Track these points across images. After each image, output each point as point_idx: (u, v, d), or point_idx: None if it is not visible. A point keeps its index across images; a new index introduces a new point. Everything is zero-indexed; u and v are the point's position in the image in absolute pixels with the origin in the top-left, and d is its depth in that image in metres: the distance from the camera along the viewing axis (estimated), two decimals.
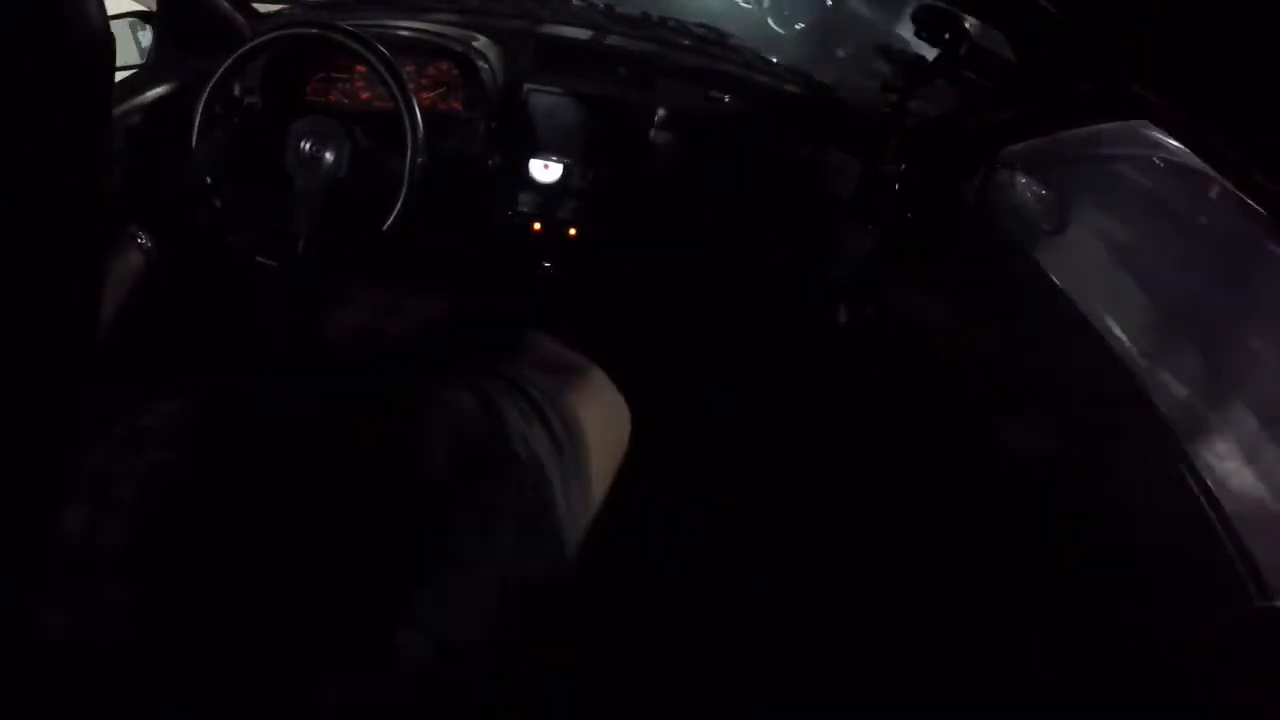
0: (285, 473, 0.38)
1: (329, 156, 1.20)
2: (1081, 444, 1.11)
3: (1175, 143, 0.97)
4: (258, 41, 1.19)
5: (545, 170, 1.45)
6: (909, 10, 1.23)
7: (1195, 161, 0.87)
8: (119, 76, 1.32)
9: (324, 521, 0.37)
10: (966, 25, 1.10)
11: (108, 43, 0.27)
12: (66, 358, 0.32)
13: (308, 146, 1.20)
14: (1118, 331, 1.20)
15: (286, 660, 0.36)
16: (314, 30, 1.20)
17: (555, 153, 1.44)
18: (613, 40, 1.48)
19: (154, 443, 0.37)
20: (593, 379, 0.55)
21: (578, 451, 0.46)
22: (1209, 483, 0.96)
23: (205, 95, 1.18)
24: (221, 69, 1.18)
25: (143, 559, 0.35)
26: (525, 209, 1.48)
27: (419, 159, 1.18)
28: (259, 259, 1.22)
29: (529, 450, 0.43)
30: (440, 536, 0.38)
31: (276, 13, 1.51)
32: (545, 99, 1.42)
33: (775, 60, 1.58)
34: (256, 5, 1.45)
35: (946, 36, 1.11)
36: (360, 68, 1.34)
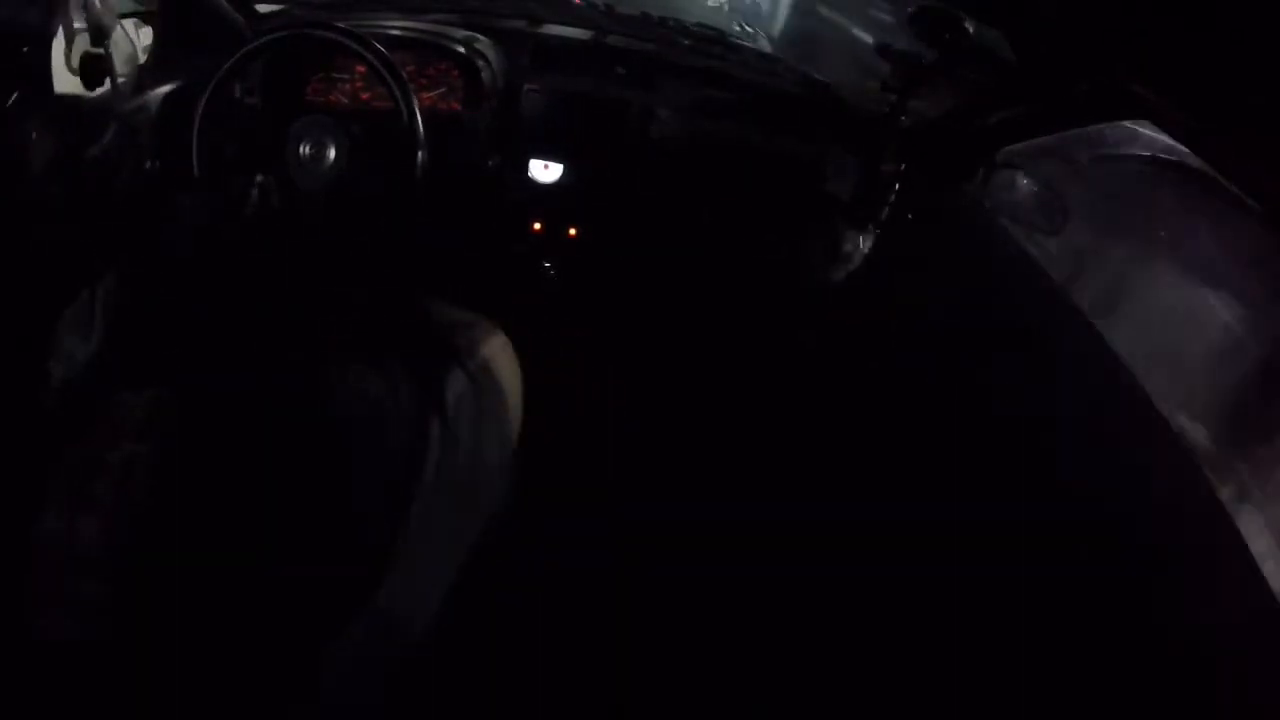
0: (255, 463, 0.38)
1: (329, 156, 1.20)
2: (1081, 443, 1.11)
3: (1175, 143, 0.97)
4: (258, 42, 1.19)
5: (545, 170, 1.45)
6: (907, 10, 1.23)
7: (1195, 161, 0.87)
8: (119, 78, 1.32)
9: (291, 510, 0.38)
10: (967, 25, 1.10)
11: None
12: (41, 358, 0.32)
13: (307, 147, 1.20)
14: (1116, 329, 1.19)
15: (266, 650, 0.36)
16: (314, 30, 1.20)
17: (555, 153, 1.44)
18: (613, 40, 1.48)
19: (128, 435, 0.38)
20: (494, 334, 0.60)
21: (497, 403, 0.51)
22: (1209, 481, 0.96)
23: (206, 96, 1.18)
24: (222, 70, 1.18)
25: (121, 556, 0.35)
26: (525, 209, 1.48)
27: (419, 159, 1.18)
28: (258, 258, 1.22)
29: (461, 421, 0.46)
30: (396, 517, 0.40)
31: (276, 13, 1.51)
32: (545, 99, 1.42)
33: (775, 59, 1.58)
34: (256, 5, 1.45)
35: (946, 36, 1.11)
36: (360, 68, 1.34)
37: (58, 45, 0.94)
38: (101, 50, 1.03)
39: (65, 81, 1.00)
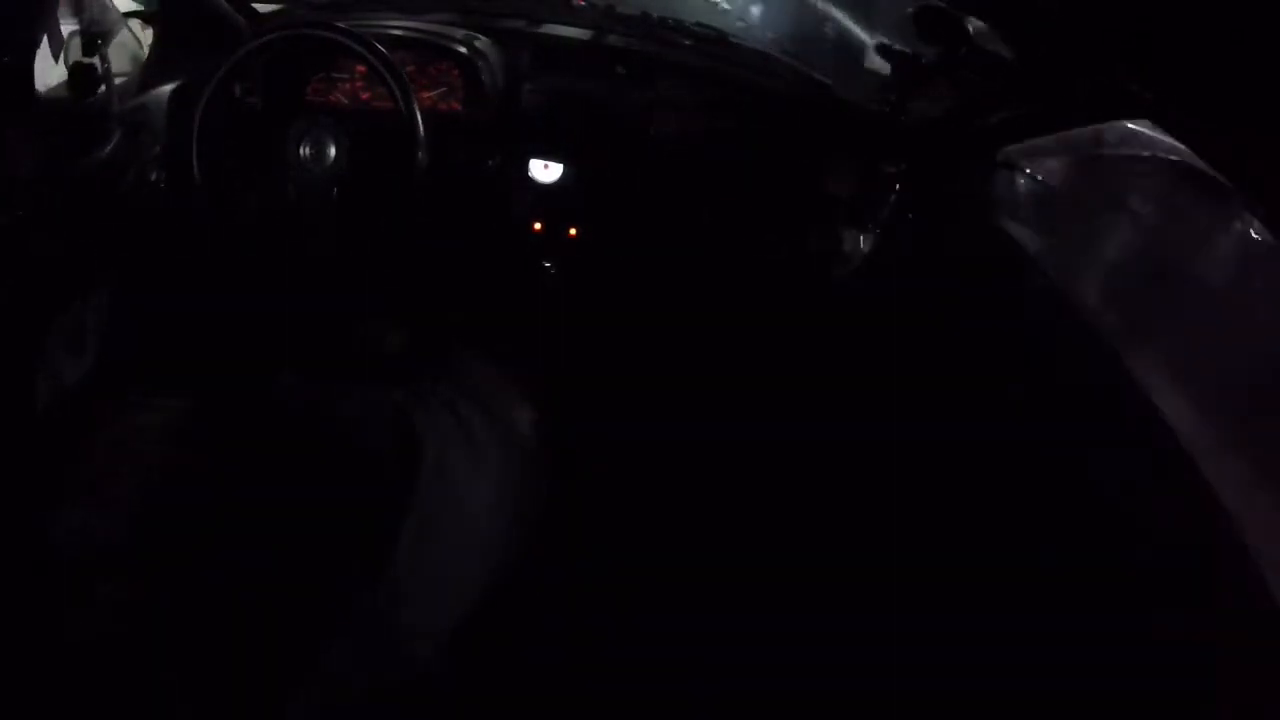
0: (275, 470, 0.39)
1: (329, 157, 1.20)
2: (1079, 442, 1.11)
3: (1175, 143, 0.97)
4: (258, 42, 1.19)
5: (545, 170, 1.45)
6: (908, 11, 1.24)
7: (1195, 161, 0.87)
8: (119, 79, 1.32)
9: (307, 519, 0.38)
10: (967, 25, 1.10)
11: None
12: (59, 359, 0.33)
13: (308, 147, 1.20)
14: (1116, 330, 1.19)
15: (278, 654, 0.36)
16: (314, 30, 1.20)
17: (555, 153, 1.44)
18: (613, 40, 1.48)
19: (152, 440, 0.38)
20: (525, 402, 0.62)
21: (518, 458, 0.52)
22: (1209, 480, 0.96)
23: (206, 96, 1.18)
24: (222, 69, 1.18)
25: (141, 556, 0.36)
26: (525, 209, 1.48)
27: (419, 159, 1.18)
28: (260, 258, 1.22)
29: (483, 459, 0.47)
30: (390, 540, 0.41)
31: (276, 13, 1.51)
32: (545, 99, 1.42)
33: (775, 59, 1.58)
34: (256, 5, 1.45)
35: (946, 36, 1.11)
36: (360, 68, 1.34)
37: (44, 53, 0.93)
38: (95, 59, 1.02)
39: (58, 88, 0.99)
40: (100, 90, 1.06)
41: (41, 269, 0.77)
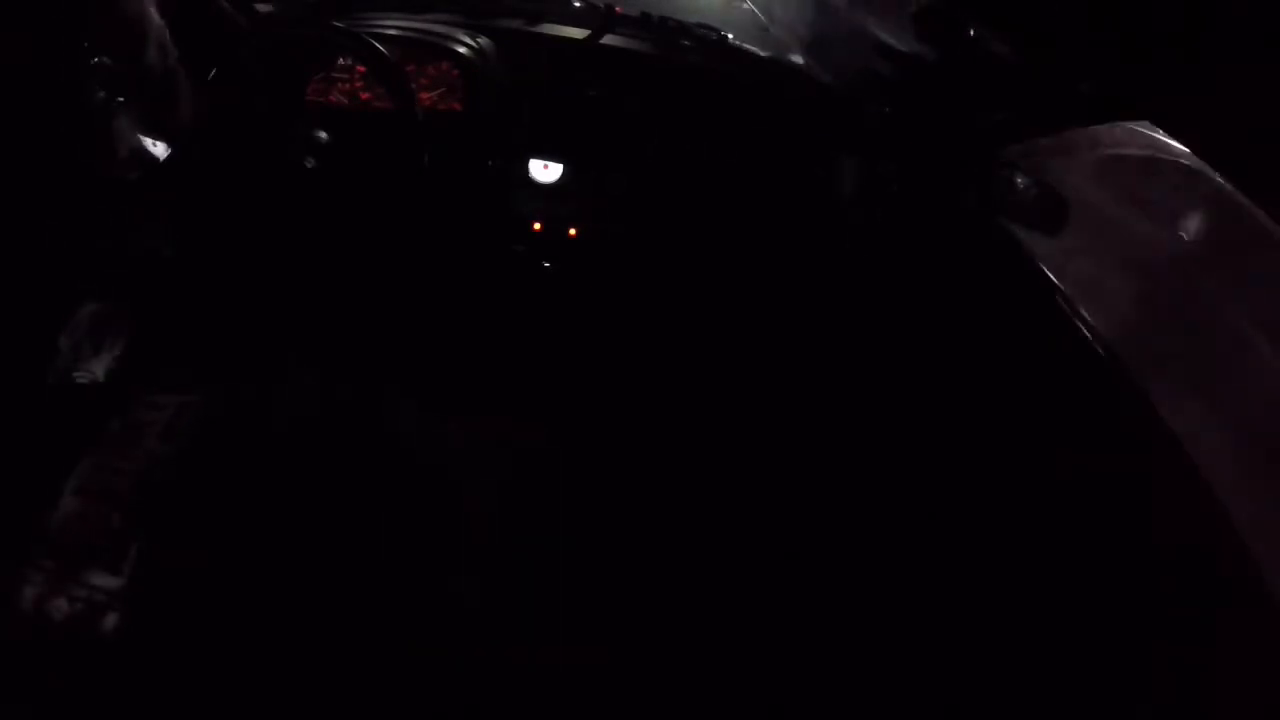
0: (272, 470, 0.39)
1: (329, 157, 1.20)
2: (1078, 444, 1.11)
3: (1175, 143, 0.97)
4: (258, 42, 1.19)
5: (545, 170, 1.45)
6: (909, 11, 1.24)
7: (1195, 161, 0.87)
8: None
9: (306, 519, 0.39)
10: (967, 26, 1.10)
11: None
12: (60, 351, 0.33)
13: (308, 147, 1.20)
14: (1116, 331, 1.20)
15: (275, 652, 0.37)
16: (314, 30, 1.20)
17: (555, 153, 1.44)
18: (613, 40, 1.48)
19: (151, 436, 0.39)
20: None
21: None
22: (1208, 480, 0.96)
23: (206, 96, 1.18)
24: (222, 69, 1.18)
25: (135, 550, 0.36)
26: (525, 209, 1.48)
27: (419, 159, 1.18)
28: (261, 258, 1.22)
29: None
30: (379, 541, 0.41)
31: (276, 12, 1.51)
32: (545, 99, 1.42)
33: (775, 60, 1.58)
34: (256, 5, 1.45)
35: (946, 36, 1.11)
36: (360, 68, 1.34)
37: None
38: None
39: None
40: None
41: (47, 267, 0.77)
